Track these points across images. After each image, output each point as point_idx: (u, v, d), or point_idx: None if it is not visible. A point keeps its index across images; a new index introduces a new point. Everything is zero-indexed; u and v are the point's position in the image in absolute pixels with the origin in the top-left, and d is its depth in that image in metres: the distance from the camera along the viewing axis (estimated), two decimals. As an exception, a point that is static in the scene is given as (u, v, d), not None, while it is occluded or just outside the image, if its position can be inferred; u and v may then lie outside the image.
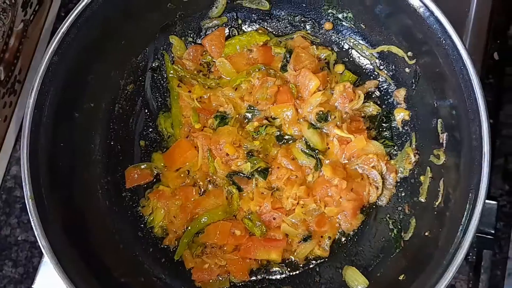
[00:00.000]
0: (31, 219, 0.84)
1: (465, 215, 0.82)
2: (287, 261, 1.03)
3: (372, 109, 1.07)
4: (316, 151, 1.04)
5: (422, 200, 0.98)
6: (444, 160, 0.94)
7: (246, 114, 1.07)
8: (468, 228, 0.80)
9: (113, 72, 1.05)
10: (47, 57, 0.88)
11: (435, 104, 0.96)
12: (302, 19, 1.10)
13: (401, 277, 0.91)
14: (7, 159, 1.20)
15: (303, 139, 1.05)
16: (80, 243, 0.91)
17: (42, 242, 0.82)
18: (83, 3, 0.89)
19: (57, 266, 0.81)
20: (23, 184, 0.85)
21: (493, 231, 1.00)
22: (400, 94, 1.05)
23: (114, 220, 1.02)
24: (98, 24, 0.94)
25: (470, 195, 0.83)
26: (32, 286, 1.08)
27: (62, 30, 0.88)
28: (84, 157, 1.01)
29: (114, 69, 1.05)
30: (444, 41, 0.88)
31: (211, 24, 1.11)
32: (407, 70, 1.02)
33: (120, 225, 1.02)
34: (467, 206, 0.83)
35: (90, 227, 0.96)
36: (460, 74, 0.86)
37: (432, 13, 0.89)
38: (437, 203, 0.93)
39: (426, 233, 0.92)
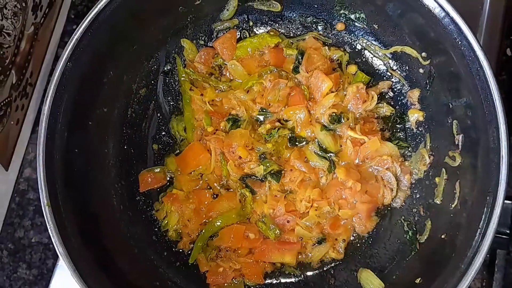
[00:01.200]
0: (48, 226, 0.84)
1: (483, 219, 0.81)
2: (301, 264, 1.03)
3: (385, 110, 1.06)
4: (330, 153, 1.03)
5: (438, 202, 0.97)
6: (460, 162, 0.93)
7: (258, 116, 1.07)
8: (486, 232, 0.80)
9: (126, 77, 1.05)
10: (61, 64, 0.88)
11: (450, 105, 0.95)
12: (314, 20, 1.09)
13: (417, 281, 0.90)
14: (20, 162, 1.21)
15: (316, 141, 1.04)
16: (95, 248, 0.92)
17: (59, 249, 0.83)
18: (96, 9, 0.89)
19: (74, 273, 0.82)
20: (40, 191, 0.86)
21: (508, 231, 0.99)
22: (414, 95, 1.04)
23: (128, 224, 1.02)
24: (111, 30, 0.94)
25: (488, 198, 0.82)
26: (47, 289, 1.09)
27: (76, 37, 0.88)
28: (98, 162, 1.01)
29: (126, 74, 1.05)
30: (459, 42, 0.87)
31: (222, 27, 1.10)
32: (421, 70, 1.01)
33: (135, 229, 1.03)
34: (485, 209, 0.82)
35: (104, 231, 0.96)
36: (476, 75, 0.85)
37: (447, 13, 0.87)
38: (453, 206, 0.92)
39: (443, 236, 0.91)
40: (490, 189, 0.82)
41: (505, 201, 0.91)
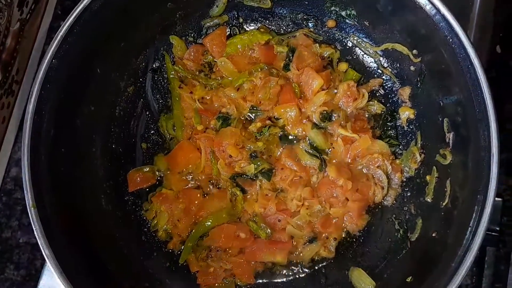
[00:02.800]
0: (33, 228, 0.83)
1: (473, 217, 0.81)
2: (292, 263, 1.02)
3: (376, 107, 1.06)
4: (321, 151, 1.03)
5: (429, 200, 0.97)
6: (451, 160, 0.93)
7: (249, 114, 1.06)
8: (477, 230, 0.80)
9: (113, 74, 1.03)
10: (46, 61, 0.86)
11: (441, 103, 0.95)
12: (305, 17, 1.08)
13: (408, 279, 0.90)
14: (6, 161, 1.19)
15: (307, 139, 1.04)
16: (83, 249, 0.90)
17: (46, 252, 0.81)
18: (82, 5, 0.88)
19: (61, 276, 0.80)
20: (25, 192, 0.84)
21: (498, 228, 0.99)
22: (405, 93, 1.03)
23: (117, 225, 1.01)
24: (97, 26, 0.92)
25: (478, 196, 0.82)
26: (35, 291, 1.07)
27: (61, 34, 0.87)
28: (86, 162, 0.99)
29: (114, 71, 1.03)
30: (450, 39, 0.87)
31: (212, 23, 1.09)
32: (412, 68, 1.00)
33: (124, 230, 1.01)
34: (476, 207, 0.82)
35: (93, 232, 0.95)
36: (467, 73, 0.85)
37: (438, 10, 0.87)
38: (444, 204, 0.92)
39: (433, 234, 0.91)
40: (481, 187, 0.82)
41: (495, 199, 0.92)
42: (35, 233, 0.83)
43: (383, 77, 1.06)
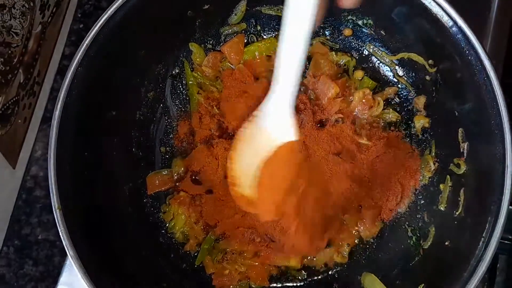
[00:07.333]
0: (59, 229, 0.85)
1: (487, 228, 0.82)
2: (306, 267, 1.04)
3: (391, 116, 1.06)
4: (336, 158, 1.04)
5: (442, 208, 0.97)
6: (465, 170, 0.93)
7: (265, 120, 1.07)
8: (490, 241, 0.80)
9: (134, 80, 1.05)
10: (72, 68, 0.88)
11: (456, 113, 0.95)
12: (321, 25, 1.09)
13: (421, 286, 0.91)
14: (26, 159, 1.21)
15: (322, 146, 1.05)
16: (104, 249, 0.92)
17: (70, 252, 0.84)
18: (106, 15, 0.90)
19: (84, 275, 0.83)
20: (51, 194, 0.86)
21: (510, 237, 1.00)
22: (420, 102, 1.04)
23: (135, 227, 1.03)
24: (120, 35, 0.94)
25: (492, 207, 0.83)
26: (55, 288, 1.10)
27: (86, 42, 0.89)
28: (107, 165, 1.01)
29: (135, 77, 1.05)
30: (467, 51, 0.87)
31: (230, 31, 1.10)
32: (427, 77, 1.01)
33: (142, 231, 1.03)
34: (489, 218, 0.82)
35: (113, 234, 0.97)
36: (483, 85, 0.85)
37: (455, 22, 0.88)
38: (457, 212, 0.92)
39: (446, 243, 0.92)
40: (495, 197, 0.82)
41: (509, 207, 0.92)
42: (60, 234, 0.85)
43: (399, 85, 1.07)
